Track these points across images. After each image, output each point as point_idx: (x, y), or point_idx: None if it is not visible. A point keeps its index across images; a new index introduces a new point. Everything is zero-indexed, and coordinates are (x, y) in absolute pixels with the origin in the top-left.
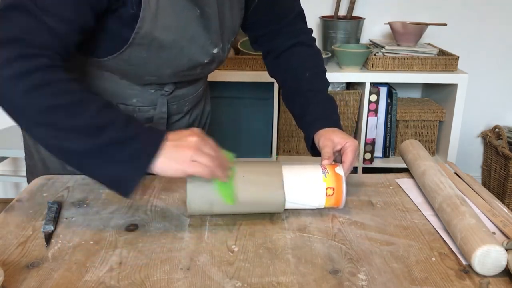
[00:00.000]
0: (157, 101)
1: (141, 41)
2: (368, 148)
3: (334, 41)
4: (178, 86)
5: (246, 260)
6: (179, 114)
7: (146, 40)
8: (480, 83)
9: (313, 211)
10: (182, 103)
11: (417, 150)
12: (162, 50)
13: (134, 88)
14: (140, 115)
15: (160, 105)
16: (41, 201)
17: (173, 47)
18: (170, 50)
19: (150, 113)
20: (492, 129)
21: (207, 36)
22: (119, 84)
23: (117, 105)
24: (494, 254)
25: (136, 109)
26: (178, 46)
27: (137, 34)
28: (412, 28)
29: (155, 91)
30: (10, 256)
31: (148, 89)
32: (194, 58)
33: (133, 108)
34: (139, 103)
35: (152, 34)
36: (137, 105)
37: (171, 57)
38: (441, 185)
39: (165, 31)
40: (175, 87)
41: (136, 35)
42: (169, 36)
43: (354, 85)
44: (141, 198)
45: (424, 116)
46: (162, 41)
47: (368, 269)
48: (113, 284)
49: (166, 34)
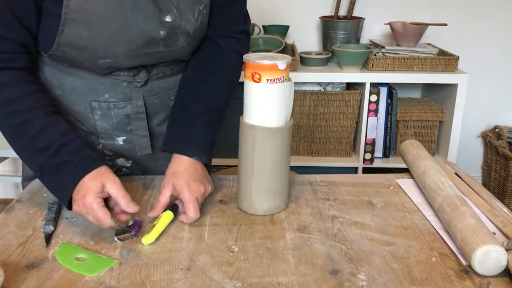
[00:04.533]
0: (131, 94)
1: (75, 16)
2: (368, 148)
3: (334, 41)
4: (153, 76)
5: (246, 260)
6: (164, 112)
7: (80, 13)
8: (480, 83)
9: (313, 211)
10: (165, 97)
11: (417, 150)
12: (103, 23)
13: (103, 82)
14: (117, 112)
15: (135, 99)
16: (41, 201)
17: (114, 18)
18: (112, 23)
19: (126, 110)
20: (492, 129)
21: (152, 2)
22: (87, 79)
23: (90, 103)
24: (494, 254)
25: (111, 105)
26: (120, 16)
27: (67, 8)
28: (412, 28)
29: (127, 83)
30: (10, 256)
31: (119, 81)
32: (145, 30)
33: (107, 104)
34: (112, 98)
35: (85, 5)
36: (110, 101)
37: (116, 31)
38: (441, 185)
39: (100, 0)
40: (149, 77)
41: (67, 9)
42: (106, 5)
43: (354, 85)
44: (141, 198)
45: (424, 116)
46: (99, 12)
47: (368, 269)
48: (113, 284)
49: (101, 4)
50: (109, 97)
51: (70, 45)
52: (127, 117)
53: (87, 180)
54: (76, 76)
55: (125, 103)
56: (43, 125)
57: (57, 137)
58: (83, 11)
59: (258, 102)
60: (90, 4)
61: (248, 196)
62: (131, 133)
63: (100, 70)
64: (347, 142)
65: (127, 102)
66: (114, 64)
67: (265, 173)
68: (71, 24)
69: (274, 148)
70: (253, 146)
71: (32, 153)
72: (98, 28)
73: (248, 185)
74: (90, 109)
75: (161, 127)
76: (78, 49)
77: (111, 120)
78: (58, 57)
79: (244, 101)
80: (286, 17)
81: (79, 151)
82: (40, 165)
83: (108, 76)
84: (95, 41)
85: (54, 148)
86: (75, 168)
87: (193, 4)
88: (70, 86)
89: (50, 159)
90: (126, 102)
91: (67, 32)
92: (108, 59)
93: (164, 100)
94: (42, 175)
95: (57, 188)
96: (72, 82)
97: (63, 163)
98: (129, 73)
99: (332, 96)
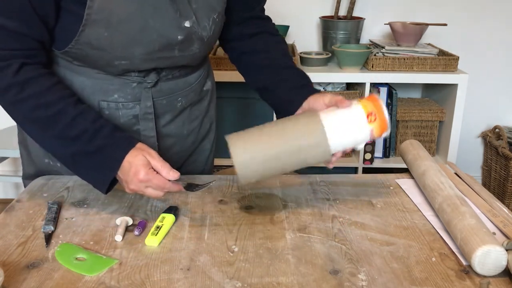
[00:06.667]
0: (141, 95)
1: (97, 16)
2: (368, 148)
3: (334, 41)
4: (162, 77)
5: (246, 260)
6: (170, 113)
7: (102, 15)
8: (480, 83)
9: (313, 211)
10: (173, 98)
11: (417, 150)
12: (124, 24)
13: (113, 83)
14: (125, 112)
15: (144, 99)
16: (41, 201)
17: (135, 20)
18: (132, 24)
19: (135, 110)
20: (492, 129)
21: (173, 6)
22: (97, 79)
23: (99, 102)
24: (494, 254)
25: (120, 105)
26: (141, 19)
27: (91, 9)
28: (412, 28)
29: (137, 84)
30: (10, 256)
31: (129, 82)
32: (164, 34)
33: (116, 104)
34: (121, 98)
35: (107, 7)
36: (119, 101)
37: (136, 33)
38: (441, 185)
39: (122, 2)
40: (159, 78)
41: (90, 9)
42: (128, 7)
43: (354, 85)
44: (141, 198)
45: (424, 117)
46: (121, 14)
47: (368, 269)
48: (113, 284)
49: (124, 6)
50: (118, 97)
51: (89, 44)
52: (134, 117)
53: (131, 158)
54: (87, 76)
55: (134, 104)
56: (75, 114)
57: (89, 124)
58: (106, 12)
59: (346, 128)
60: (113, 6)
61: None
62: (138, 133)
63: (114, 70)
64: None
65: (135, 103)
66: (129, 66)
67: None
68: (93, 25)
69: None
70: (304, 141)
71: (64, 143)
72: (118, 29)
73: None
74: (99, 109)
75: (167, 127)
76: (96, 48)
77: (119, 120)
78: (72, 55)
79: (337, 119)
80: (286, 17)
81: (113, 134)
82: (74, 153)
83: (119, 76)
84: (115, 42)
85: (88, 135)
86: (115, 150)
87: (209, 12)
88: (80, 85)
89: (85, 146)
90: (134, 102)
91: (87, 32)
92: (124, 61)
93: (171, 101)
94: (75, 164)
95: (95, 173)
96: (82, 81)
97: (100, 147)
98: (140, 74)
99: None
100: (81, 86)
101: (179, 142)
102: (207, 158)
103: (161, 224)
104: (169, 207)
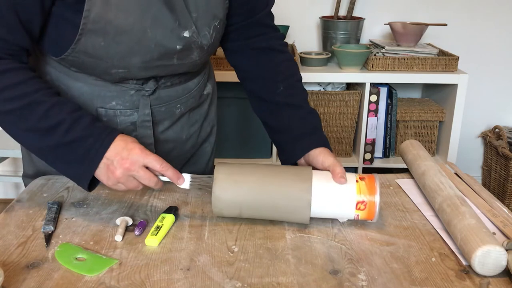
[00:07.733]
0: (139, 103)
1: (94, 26)
2: (368, 149)
3: (334, 41)
4: (161, 85)
5: (246, 260)
6: (169, 120)
7: (99, 24)
8: (480, 83)
9: None
10: (171, 105)
11: (417, 150)
12: (122, 35)
13: (111, 90)
14: (123, 119)
15: (142, 107)
16: (41, 201)
17: (133, 31)
18: (131, 35)
19: (133, 117)
20: (492, 130)
21: (172, 17)
22: (95, 86)
23: (97, 109)
24: (494, 254)
25: (117, 112)
26: (140, 29)
27: (87, 19)
28: (412, 28)
29: (135, 91)
30: (10, 256)
31: (127, 89)
32: (162, 44)
33: (114, 111)
34: (119, 106)
35: (105, 17)
36: (117, 108)
37: (134, 44)
38: (441, 185)
39: (121, 12)
40: (157, 86)
41: (86, 19)
42: (127, 18)
43: (354, 85)
44: (141, 198)
45: (424, 117)
46: (119, 24)
47: (368, 269)
48: (113, 284)
49: (123, 16)
50: (116, 104)
51: (86, 53)
52: (132, 124)
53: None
54: (84, 82)
55: (132, 111)
56: (50, 104)
57: (66, 114)
58: (103, 22)
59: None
60: (110, 16)
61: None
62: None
63: (111, 78)
64: (347, 142)
65: (133, 110)
66: (127, 74)
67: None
68: (89, 34)
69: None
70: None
71: (40, 136)
72: (116, 39)
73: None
74: (96, 116)
75: (165, 134)
76: (93, 57)
77: (116, 127)
78: (69, 62)
79: (326, 194)
80: (286, 17)
81: (93, 124)
82: (51, 146)
83: (116, 83)
84: (112, 51)
85: (66, 125)
86: (97, 141)
87: (210, 20)
88: (77, 91)
89: (62, 138)
90: (132, 110)
91: (84, 40)
92: (122, 69)
93: (170, 108)
94: (54, 158)
95: (76, 166)
96: (79, 87)
97: (80, 138)
98: (138, 81)
99: (332, 96)
100: (79, 92)
101: (178, 147)
102: (207, 161)
103: (161, 224)
104: (169, 207)
